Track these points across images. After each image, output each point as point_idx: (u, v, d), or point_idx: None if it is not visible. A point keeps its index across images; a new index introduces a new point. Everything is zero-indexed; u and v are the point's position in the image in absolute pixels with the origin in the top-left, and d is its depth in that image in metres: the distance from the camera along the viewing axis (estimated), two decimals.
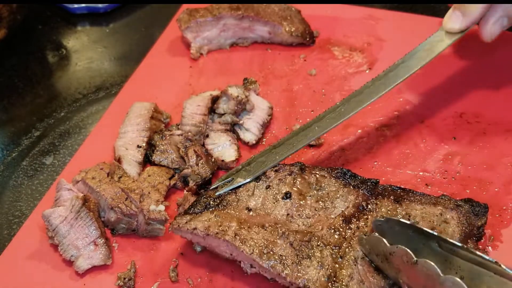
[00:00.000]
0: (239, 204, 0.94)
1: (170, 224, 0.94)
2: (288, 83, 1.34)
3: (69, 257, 0.96)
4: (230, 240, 0.87)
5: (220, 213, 0.92)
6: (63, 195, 1.02)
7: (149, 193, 1.03)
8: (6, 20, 1.43)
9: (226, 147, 1.15)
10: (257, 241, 0.87)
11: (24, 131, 1.29)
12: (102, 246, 0.97)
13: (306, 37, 1.41)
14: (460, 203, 0.93)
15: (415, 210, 0.92)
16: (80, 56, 1.52)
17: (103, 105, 1.35)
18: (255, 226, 0.90)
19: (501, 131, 1.17)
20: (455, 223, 0.90)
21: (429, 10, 1.54)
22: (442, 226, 0.90)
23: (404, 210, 0.92)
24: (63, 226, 0.97)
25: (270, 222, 0.91)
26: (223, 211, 0.93)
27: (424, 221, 0.90)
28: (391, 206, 0.93)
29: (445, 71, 1.31)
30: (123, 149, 1.11)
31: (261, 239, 0.87)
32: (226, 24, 1.39)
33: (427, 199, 0.94)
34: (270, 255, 0.86)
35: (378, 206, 0.93)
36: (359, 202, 0.94)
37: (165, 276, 0.95)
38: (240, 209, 0.93)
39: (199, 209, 0.94)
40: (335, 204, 0.94)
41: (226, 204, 0.94)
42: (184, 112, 1.19)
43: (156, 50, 1.46)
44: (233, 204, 0.94)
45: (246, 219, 0.91)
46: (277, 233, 0.88)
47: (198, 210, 0.94)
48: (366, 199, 0.94)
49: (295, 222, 0.92)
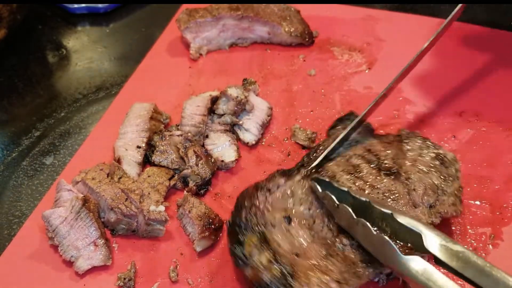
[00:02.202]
0: (288, 256, 0.89)
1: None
2: (287, 83, 1.34)
3: (69, 257, 0.96)
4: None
5: (298, 277, 0.85)
6: (63, 196, 1.02)
7: (149, 193, 1.03)
8: (6, 20, 1.43)
9: (226, 147, 1.15)
10: (343, 269, 0.86)
11: (24, 131, 1.29)
12: (102, 247, 0.97)
13: (305, 37, 1.41)
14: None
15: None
16: (80, 56, 1.52)
17: (103, 105, 1.34)
18: (325, 258, 0.88)
19: (501, 130, 1.17)
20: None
21: (429, 10, 1.54)
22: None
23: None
24: (63, 227, 0.97)
25: (321, 245, 0.90)
26: (296, 271, 0.86)
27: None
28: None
29: (445, 70, 1.31)
30: (122, 150, 1.12)
31: (343, 266, 0.86)
32: (225, 25, 1.40)
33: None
34: (359, 267, 0.86)
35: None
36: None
37: (165, 276, 0.96)
38: (298, 258, 0.89)
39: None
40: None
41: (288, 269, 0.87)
42: (184, 113, 1.19)
43: (155, 50, 1.46)
44: (291, 260, 0.88)
45: (312, 258, 0.88)
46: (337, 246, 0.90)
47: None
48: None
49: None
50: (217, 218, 1.01)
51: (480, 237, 0.98)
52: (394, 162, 1.00)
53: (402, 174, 0.98)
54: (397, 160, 1.00)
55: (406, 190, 0.95)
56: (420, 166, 0.99)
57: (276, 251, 0.87)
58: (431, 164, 0.99)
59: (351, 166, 1.00)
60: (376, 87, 1.30)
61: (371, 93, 1.28)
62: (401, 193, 0.95)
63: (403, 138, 1.05)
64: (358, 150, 1.04)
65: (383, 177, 0.98)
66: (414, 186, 0.95)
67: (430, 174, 0.97)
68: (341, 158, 1.03)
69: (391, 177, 0.97)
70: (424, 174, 0.97)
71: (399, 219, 0.83)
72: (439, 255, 0.77)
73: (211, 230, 0.98)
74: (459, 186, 0.96)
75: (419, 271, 0.75)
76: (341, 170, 1.00)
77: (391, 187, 0.96)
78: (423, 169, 0.98)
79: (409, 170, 0.98)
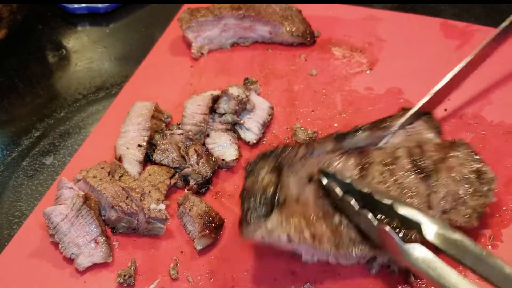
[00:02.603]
0: (287, 194, 0.92)
1: (245, 233, 0.87)
2: (288, 83, 1.33)
3: (70, 255, 0.96)
4: (310, 243, 0.86)
5: (284, 210, 0.89)
6: (64, 194, 1.02)
7: (149, 192, 1.02)
8: (6, 20, 1.43)
9: (227, 146, 1.15)
10: (328, 234, 0.87)
11: (24, 131, 1.29)
12: (103, 244, 0.96)
13: (307, 37, 1.41)
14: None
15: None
16: (80, 56, 1.52)
17: (103, 105, 1.34)
18: (317, 218, 0.89)
19: (501, 133, 1.17)
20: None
21: (429, 10, 1.54)
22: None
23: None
24: (64, 224, 0.97)
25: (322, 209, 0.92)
26: (284, 208, 0.90)
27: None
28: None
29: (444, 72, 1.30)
30: (124, 148, 1.11)
31: (329, 232, 0.88)
32: (227, 24, 1.39)
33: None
34: (343, 243, 0.87)
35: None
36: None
37: (165, 274, 0.95)
38: (291, 201, 0.92)
39: (265, 210, 0.89)
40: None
41: (282, 198, 0.91)
42: (185, 112, 1.19)
43: (157, 49, 1.46)
44: (285, 196, 0.92)
45: (307, 210, 0.90)
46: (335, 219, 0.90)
47: (263, 212, 0.89)
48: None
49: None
50: (217, 216, 1.00)
51: (480, 239, 0.97)
52: (433, 165, 0.97)
53: (433, 177, 0.95)
54: (438, 165, 0.97)
55: (428, 192, 0.93)
56: (454, 174, 0.96)
57: (282, 184, 0.91)
58: (466, 176, 0.96)
59: (393, 158, 0.99)
60: (377, 87, 1.29)
61: (372, 94, 1.28)
62: (422, 193, 0.93)
63: (456, 145, 1.01)
64: (411, 142, 1.03)
65: (412, 174, 0.96)
66: (437, 189, 0.94)
67: (460, 184, 0.94)
68: (390, 147, 1.02)
69: (421, 176, 0.95)
70: (453, 181, 0.95)
71: (399, 210, 0.84)
72: (437, 243, 0.79)
73: (211, 228, 0.98)
74: (484, 203, 0.93)
75: (419, 258, 0.77)
76: (379, 160, 0.98)
77: (415, 185, 0.94)
78: (456, 177, 0.95)
79: (442, 175, 0.96)
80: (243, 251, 0.98)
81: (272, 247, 0.88)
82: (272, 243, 0.86)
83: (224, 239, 1.01)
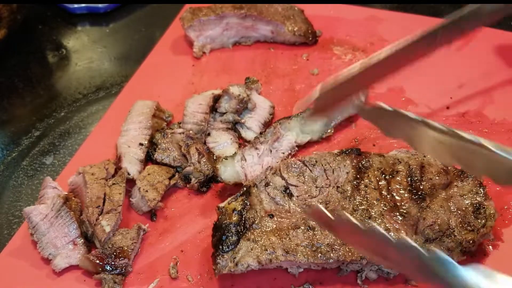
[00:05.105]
0: (259, 214, 0.92)
1: (215, 270, 0.88)
2: (290, 82, 1.33)
3: (47, 255, 0.95)
4: (285, 259, 0.86)
5: (253, 234, 0.89)
6: (48, 193, 1.01)
7: (146, 191, 1.02)
8: (6, 20, 1.43)
9: (228, 145, 1.14)
10: (303, 244, 0.87)
11: (24, 131, 1.28)
12: (81, 246, 0.95)
13: (308, 37, 1.41)
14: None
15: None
16: (80, 56, 1.52)
17: (103, 105, 1.34)
18: (290, 229, 0.90)
19: (503, 131, 1.16)
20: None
21: (429, 10, 1.54)
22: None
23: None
24: (43, 224, 0.96)
25: (296, 218, 0.91)
26: (253, 230, 0.90)
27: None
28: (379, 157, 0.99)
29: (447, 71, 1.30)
30: (125, 147, 1.11)
31: (304, 240, 0.88)
32: (229, 23, 1.39)
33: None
34: (319, 250, 0.87)
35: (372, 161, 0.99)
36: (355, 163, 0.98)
37: (165, 273, 0.95)
38: (263, 219, 0.91)
39: (233, 241, 0.89)
40: (337, 174, 0.98)
41: (250, 221, 0.91)
42: (186, 111, 1.18)
43: (158, 48, 1.45)
44: (255, 218, 0.92)
45: (278, 227, 0.90)
46: (308, 225, 0.90)
47: (232, 243, 0.89)
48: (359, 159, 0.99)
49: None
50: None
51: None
52: (430, 189, 0.94)
53: (427, 201, 0.93)
54: (435, 190, 0.95)
55: (417, 215, 0.91)
56: (450, 204, 0.93)
57: (252, 202, 0.93)
58: (464, 207, 0.92)
59: (391, 169, 0.97)
60: (379, 86, 1.28)
61: (373, 94, 1.27)
62: (413, 215, 0.91)
63: (463, 177, 0.97)
64: (414, 161, 0.98)
65: (407, 193, 0.94)
66: (426, 215, 0.91)
67: (453, 215, 0.91)
68: (392, 157, 0.99)
69: (414, 197, 0.93)
70: (446, 211, 0.92)
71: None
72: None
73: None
74: (472, 240, 0.89)
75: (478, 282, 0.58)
76: (377, 167, 0.97)
77: (405, 205, 0.92)
78: (450, 207, 0.92)
79: (436, 202, 0.93)
80: None
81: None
82: (244, 271, 0.87)
83: None
